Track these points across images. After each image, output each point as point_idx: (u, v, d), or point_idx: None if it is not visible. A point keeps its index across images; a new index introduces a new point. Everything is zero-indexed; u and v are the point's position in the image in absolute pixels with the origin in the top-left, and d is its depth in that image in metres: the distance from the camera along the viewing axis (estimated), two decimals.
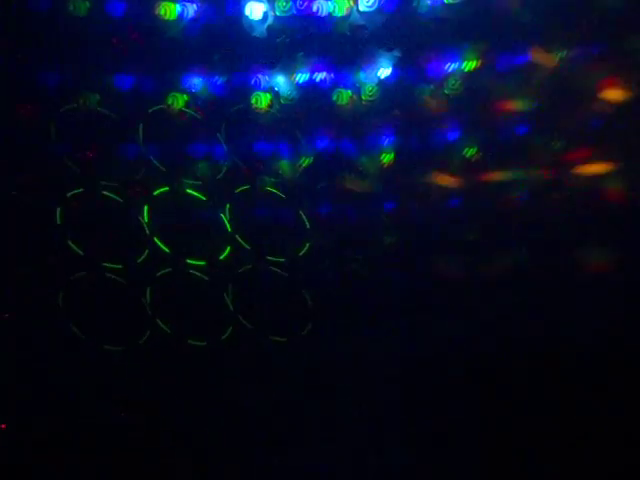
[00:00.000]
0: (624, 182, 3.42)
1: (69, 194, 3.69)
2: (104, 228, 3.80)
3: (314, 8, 3.31)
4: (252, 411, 3.92)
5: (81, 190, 3.69)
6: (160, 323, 3.93)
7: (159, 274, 3.86)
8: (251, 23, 3.37)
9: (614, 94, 3.28)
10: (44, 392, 3.88)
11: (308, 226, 3.71)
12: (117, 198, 3.71)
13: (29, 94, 3.46)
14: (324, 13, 3.32)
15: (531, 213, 3.57)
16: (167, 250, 3.82)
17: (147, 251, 3.81)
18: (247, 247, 3.80)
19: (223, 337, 3.93)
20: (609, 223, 3.48)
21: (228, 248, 3.81)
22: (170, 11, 3.33)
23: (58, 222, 3.73)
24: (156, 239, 3.80)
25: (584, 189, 3.48)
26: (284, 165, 3.62)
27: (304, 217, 3.70)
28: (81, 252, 3.81)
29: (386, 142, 3.52)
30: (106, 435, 3.87)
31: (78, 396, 3.90)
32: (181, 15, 3.34)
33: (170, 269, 3.86)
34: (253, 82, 3.48)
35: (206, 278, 3.86)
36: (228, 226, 3.76)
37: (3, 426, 3.79)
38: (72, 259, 3.81)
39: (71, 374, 3.91)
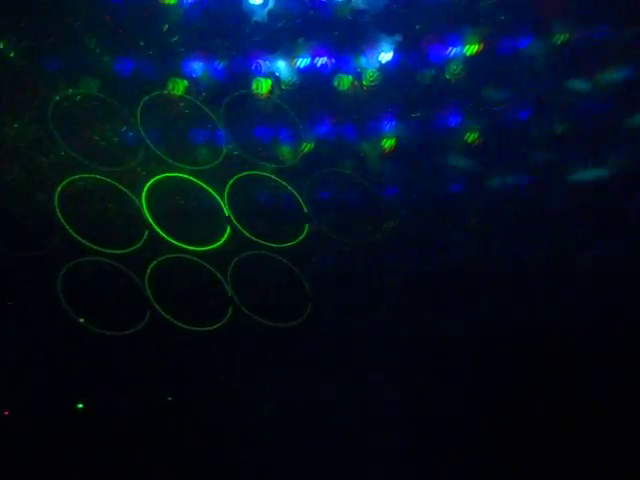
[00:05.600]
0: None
1: (68, 179, 3.66)
2: (102, 213, 3.77)
3: None
4: (253, 395, 3.95)
5: (79, 175, 3.66)
6: (159, 308, 3.93)
7: (157, 260, 3.85)
8: (252, 8, 3.35)
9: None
10: (45, 379, 3.88)
11: (307, 211, 3.71)
12: (115, 183, 3.68)
13: (29, 78, 3.42)
14: None
15: (534, 199, 3.60)
16: (165, 236, 3.81)
17: (145, 237, 3.80)
18: (246, 232, 3.80)
19: (222, 322, 3.94)
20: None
21: (227, 233, 3.81)
22: None
23: (56, 207, 3.71)
24: (154, 224, 3.78)
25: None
26: (285, 150, 3.61)
27: (303, 202, 3.70)
28: (79, 238, 3.79)
29: (387, 127, 3.53)
30: (105, 420, 3.88)
31: (77, 383, 3.90)
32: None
33: (168, 255, 3.85)
34: (254, 67, 3.46)
35: (204, 264, 3.86)
36: (227, 211, 3.76)
37: (6, 413, 3.79)
38: (70, 245, 3.78)
39: (71, 359, 3.90)
